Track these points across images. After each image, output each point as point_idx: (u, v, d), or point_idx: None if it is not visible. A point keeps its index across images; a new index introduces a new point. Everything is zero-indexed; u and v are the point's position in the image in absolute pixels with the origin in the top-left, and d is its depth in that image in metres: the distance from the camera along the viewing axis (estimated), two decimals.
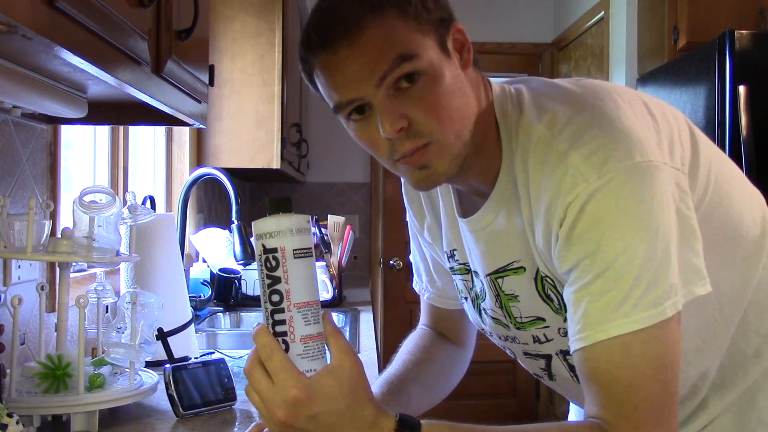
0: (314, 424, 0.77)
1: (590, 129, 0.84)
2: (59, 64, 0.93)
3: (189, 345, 1.57)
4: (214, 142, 2.59)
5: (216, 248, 2.48)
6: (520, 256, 0.94)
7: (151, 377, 1.25)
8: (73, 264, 1.59)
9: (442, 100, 0.85)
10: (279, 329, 0.78)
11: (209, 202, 3.03)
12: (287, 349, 0.78)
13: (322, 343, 0.80)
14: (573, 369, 0.93)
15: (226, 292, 2.52)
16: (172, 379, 1.23)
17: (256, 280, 0.83)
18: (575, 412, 1.27)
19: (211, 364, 1.30)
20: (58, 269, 1.27)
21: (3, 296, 1.25)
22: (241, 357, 1.67)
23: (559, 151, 0.84)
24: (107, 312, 1.41)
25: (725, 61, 2.43)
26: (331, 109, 0.89)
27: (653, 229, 0.80)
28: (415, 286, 1.26)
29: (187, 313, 1.63)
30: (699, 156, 0.91)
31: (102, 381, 1.16)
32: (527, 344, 1.02)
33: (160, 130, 2.59)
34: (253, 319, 2.49)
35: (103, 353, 1.22)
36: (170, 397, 1.22)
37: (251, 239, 2.01)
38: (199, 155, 2.62)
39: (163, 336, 1.31)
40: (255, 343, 0.79)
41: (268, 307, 0.79)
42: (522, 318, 0.99)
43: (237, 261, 2.14)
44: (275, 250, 0.78)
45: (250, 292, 2.59)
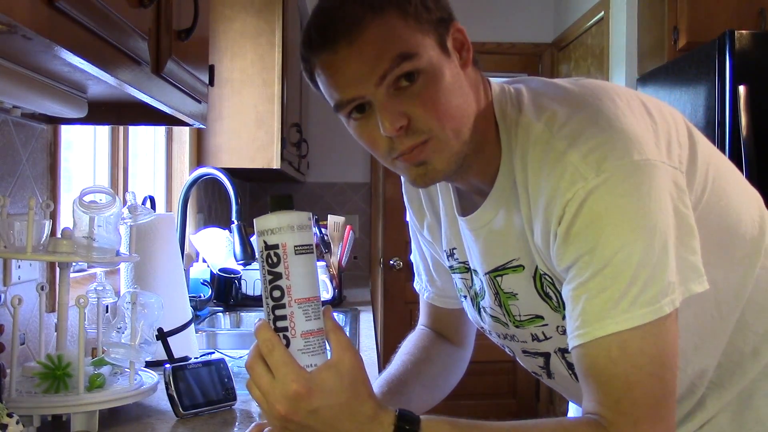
0: (314, 418, 0.77)
1: (589, 128, 0.84)
2: (59, 64, 0.93)
3: (189, 345, 1.57)
4: (214, 142, 2.59)
5: (216, 248, 2.48)
6: (519, 254, 0.95)
7: (151, 377, 1.25)
8: (73, 264, 1.60)
9: (442, 99, 0.85)
10: (280, 324, 0.79)
11: (209, 202, 3.03)
12: (288, 344, 0.79)
13: (323, 338, 0.80)
14: (571, 367, 0.93)
15: (226, 292, 2.51)
16: (172, 379, 1.23)
17: (256, 280, 0.83)
18: (574, 411, 1.27)
19: (211, 364, 1.30)
20: (58, 269, 1.27)
21: (3, 296, 1.25)
22: (241, 357, 1.67)
23: (558, 150, 0.84)
24: (107, 312, 1.41)
25: (725, 61, 2.43)
26: (331, 107, 0.90)
27: (651, 227, 0.80)
28: (416, 285, 1.26)
29: (187, 313, 1.63)
30: (697, 155, 0.92)
31: (102, 381, 1.16)
32: (526, 342, 1.03)
33: (160, 130, 2.59)
34: (253, 319, 2.48)
35: (103, 353, 1.22)
36: (170, 397, 1.22)
37: (251, 239, 2.02)
38: (199, 155, 2.62)
39: (163, 336, 1.31)
40: (256, 338, 0.79)
41: (270, 302, 0.80)
42: (521, 316, 1.00)
43: (237, 261, 2.14)
44: (276, 247, 0.79)
45: (250, 292, 2.59)
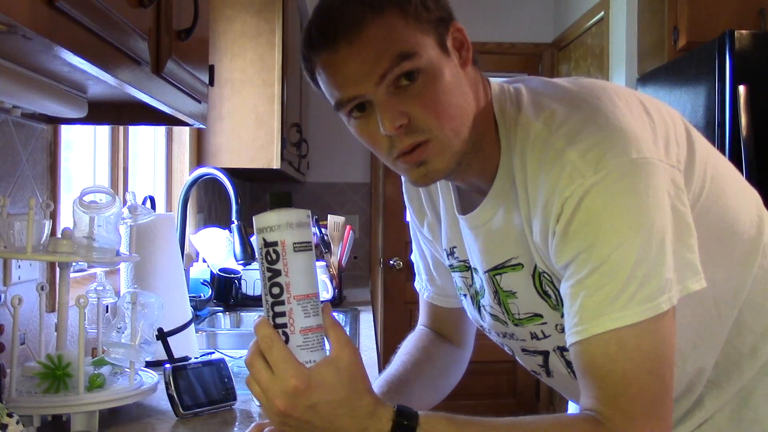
0: (313, 413, 0.78)
1: (587, 126, 0.85)
2: (59, 64, 0.93)
3: (189, 345, 1.57)
4: (214, 142, 2.59)
5: (216, 248, 2.48)
6: (518, 252, 0.95)
7: (151, 377, 1.25)
8: (73, 264, 1.60)
9: (442, 98, 0.86)
10: (279, 321, 0.79)
11: (209, 202, 3.03)
12: (287, 340, 0.79)
13: (322, 335, 0.81)
14: (570, 365, 0.94)
15: (226, 292, 2.51)
16: (172, 379, 1.23)
17: (256, 280, 0.83)
18: (573, 410, 1.27)
19: (211, 364, 1.30)
20: (58, 269, 1.27)
21: (3, 296, 1.25)
22: (241, 357, 1.67)
23: (557, 148, 0.85)
24: (107, 312, 1.41)
25: (725, 61, 2.43)
26: (332, 106, 0.90)
27: (648, 225, 0.80)
28: (416, 284, 1.26)
29: (187, 313, 1.63)
30: (695, 155, 0.92)
31: (102, 381, 1.16)
32: (525, 341, 1.03)
33: (160, 130, 2.59)
34: (253, 319, 2.48)
35: (103, 353, 1.22)
36: (170, 397, 1.22)
37: (251, 239, 2.02)
38: (199, 155, 2.62)
39: (163, 336, 1.31)
40: (256, 334, 0.80)
41: (269, 299, 0.80)
42: (520, 314, 1.00)
43: (237, 261, 2.14)
44: (275, 244, 0.79)
45: (250, 292, 2.59)
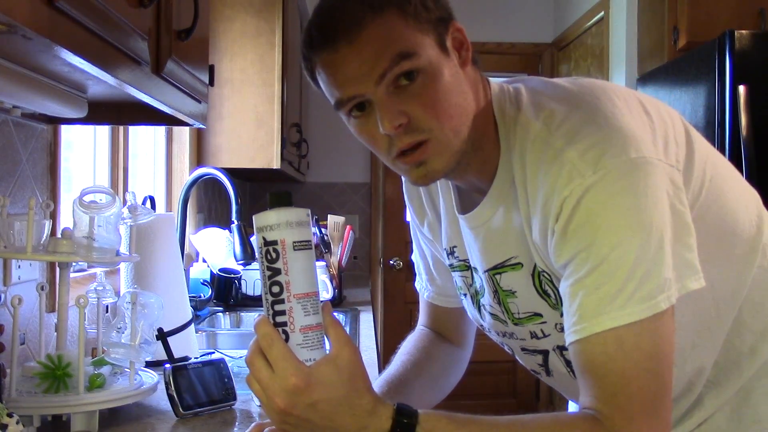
0: (313, 411, 0.78)
1: (586, 126, 0.85)
2: (59, 64, 0.93)
3: (189, 345, 1.57)
4: (214, 142, 2.59)
5: (216, 248, 2.48)
6: (517, 252, 0.95)
7: (151, 377, 1.25)
8: (73, 264, 1.60)
9: (441, 98, 0.86)
10: (279, 320, 0.80)
11: (209, 202, 3.03)
12: (287, 339, 0.79)
13: (321, 333, 0.81)
14: (570, 364, 0.94)
15: (226, 292, 2.51)
16: (172, 379, 1.23)
17: (256, 280, 0.84)
18: (573, 410, 1.27)
19: (211, 364, 1.31)
20: (58, 269, 1.27)
21: (3, 296, 1.25)
22: (241, 357, 1.67)
23: (556, 148, 0.85)
24: (107, 312, 1.41)
25: (725, 61, 2.43)
26: (332, 105, 0.90)
27: (647, 224, 0.80)
28: (417, 284, 1.27)
29: (187, 313, 1.63)
30: (694, 154, 0.92)
31: (102, 381, 1.16)
32: (525, 340, 1.03)
33: (160, 130, 2.59)
34: (253, 319, 2.48)
35: (103, 353, 1.22)
36: (170, 397, 1.22)
37: (251, 239, 2.02)
38: (199, 155, 2.62)
39: (163, 336, 1.31)
40: (256, 333, 0.80)
41: (269, 298, 0.80)
42: (519, 314, 1.00)
43: (237, 261, 2.14)
44: (275, 243, 0.79)
45: (250, 292, 2.59)
